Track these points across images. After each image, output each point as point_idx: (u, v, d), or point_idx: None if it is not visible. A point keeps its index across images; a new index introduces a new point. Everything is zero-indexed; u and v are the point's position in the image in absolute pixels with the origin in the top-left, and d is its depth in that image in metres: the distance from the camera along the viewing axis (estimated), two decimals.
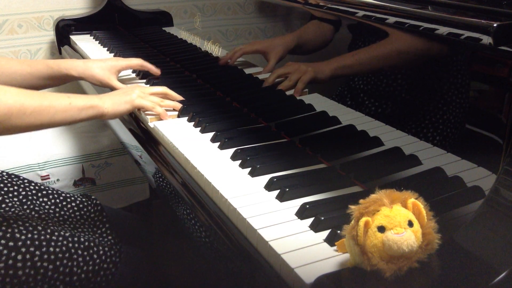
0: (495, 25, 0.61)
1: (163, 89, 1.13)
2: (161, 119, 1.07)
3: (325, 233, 0.66)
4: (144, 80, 1.30)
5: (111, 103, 1.00)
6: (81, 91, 1.51)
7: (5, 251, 0.90)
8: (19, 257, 0.91)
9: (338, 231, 0.64)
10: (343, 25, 0.90)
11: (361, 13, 0.82)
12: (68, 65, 1.19)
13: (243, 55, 1.21)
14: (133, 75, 1.36)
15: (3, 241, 0.91)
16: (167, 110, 1.08)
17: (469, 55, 0.69)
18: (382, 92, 0.83)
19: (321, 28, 0.95)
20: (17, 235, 0.92)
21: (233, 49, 1.22)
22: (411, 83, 0.79)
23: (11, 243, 0.91)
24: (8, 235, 0.92)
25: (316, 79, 0.99)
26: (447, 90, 0.73)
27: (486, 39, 0.62)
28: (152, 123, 1.05)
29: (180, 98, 1.13)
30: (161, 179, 0.97)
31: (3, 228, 0.92)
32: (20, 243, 0.92)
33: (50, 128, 0.93)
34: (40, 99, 0.89)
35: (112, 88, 1.20)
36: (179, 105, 1.10)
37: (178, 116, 1.09)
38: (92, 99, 0.98)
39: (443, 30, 0.68)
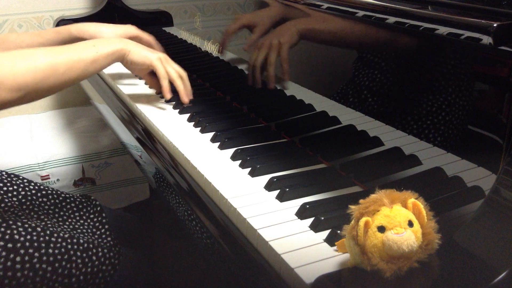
0: (495, 25, 0.61)
1: (183, 72, 1.10)
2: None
3: (325, 233, 0.66)
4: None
5: (132, 48, 1.03)
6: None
7: (3, 253, 0.90)
8: (18, 258, 0.91)
9: (338, 231, 0.64)
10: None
11: (361, 13, 0.82)
12: (79, 29, 1.19)
13: (242, 52, 1.21)
14: None
15: (1, 243, 0.90)
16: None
17: (469, 55, 0.69)
18: (386, 91, 0.83)
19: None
20: (16, 237, 0.92)
21: (221, 39, 1.21)
22: (415, 83, 0.79)
23: (10, 245, 0.91)
24: (7, 237, 0.91)
25: (291, 46, 0.98)
26: (448, 91, 0.73)
27: (486, 39, 0.62)
28: (152, 124, 1.05)
29: (190, 95, 1.11)
30: (161, 179, 0.97)
31: (2, 229, 0.92)
32: (19, 245, 0.92)
33: (82, 80, 0.96)
34: (70, 54, 0.90)
35: None
36: (185, 96, 1.09)
37: (180, 113, 1.09)
38: (116, 43, 1.01)
39: (443, 30, 0.68)
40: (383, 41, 0.80)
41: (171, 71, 1.07)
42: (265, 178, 0.80)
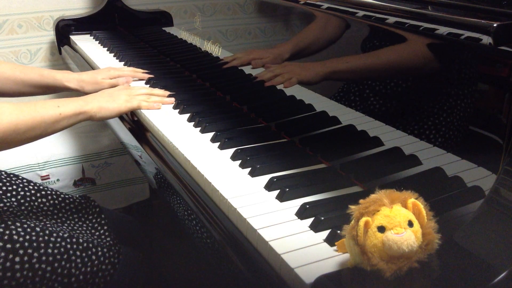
0: (495, 25, 0.61)
1: (148, 90, 1.16)
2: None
3: (325, 233, 0.66)
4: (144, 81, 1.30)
5: (98, 107, 1.03)
6: None
7: (2, 253, 0.89)
8: (17, 259, 0.90)
9: (338, 231, 0.64)
10: (346, 25, 0.90)
11: (361, 13, 0.82)
12: (65, 77, 1.20)
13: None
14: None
15: (0, 243, 0.90)
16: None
17: (469, 55, 0.69)
18: (389, 91, 0.83)
19: (322, 29, 0.95)
20: (15, 237, 0.92)
21: (232, 57, 1.22)
22: (418, 85, 0.79)
23: (8, 245, 0.91)
24: (5, 237, 0.91)
25: (306, 82, 0.99)
26: (448, 91, 0.73)
27: (486, 39, 0.62)
28: (152, 124, 1.05)
29: (167, 93, 1.16)
30: (161, 179, 0.97)
31: (1, 230, 0.92)
32: (18, 245, 0.91)
33: (43, 137, 0.97)
34: (32, 114, 0.91)
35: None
36: (168, 100, 1.14)
37: (180, 113, 1.09)
38: (79, 103, 1.01)
39: (443, 30, 0.68)
40: (395, 61, 0.81)
41: (140, 98, 1.11)
42: (265, 178, 0.80)
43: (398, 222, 0.54)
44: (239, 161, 0.87)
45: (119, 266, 1.04)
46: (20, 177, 1.14)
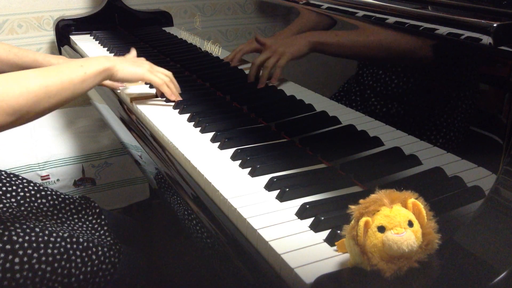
0: (495, 25, 0.61)
1: (169, 73, 1.15)
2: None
3: (325, 233, 0.66)
4: None
5: (120, 66, 1.03)
6: None
7: (2, 254, 0.89)
8: (17, 259, 0.90)
9: (338, 231, 0.64)
10: (346, 23, 0.90)
11: (361, 13, 0.82)
12: (60, 63, 1.19)
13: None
14: None
15: (0, 244, 0.90)
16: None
17: (468, 55, 0.69)
18: (390, 92, 0.83)
19: (315, 20, 0.95)
20: (14, 238, 0.92)
21: (234, 51, 1.21)
22: (418, 85, 0.79)
23: (8, 246, 0.90)
24: (5, 238, 0.91)
25: (294, 57, 0.99)
26: (448, 91, 0.73)
27: (486, 39, 0.62)
28: (152, 124, 1.05)
29: (177, 98, 1.15)
30: (161, 179, 0.97)
31: (0, 231, 0.92)
32: (17, 246, 0.91)
33: (71, 101, 0.96)
34: (60, 76, 0.90)
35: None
36: (178, 97, 1.14)
37: (180, 113, 1.09)
38: (102, 61, 1.00)
39: (443, 30, 0.68)
40: (388, 46, 0.80)
41: (162, 77, 1.11)
42: (265, 178, 0.80)
43: (398, 222, 0.54)
44: (239, 161, 0.87)
45: (120, 265, 1.04)
46: (20, 177, 1.14)
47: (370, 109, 0.87)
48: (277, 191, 0.76)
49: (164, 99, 1.17)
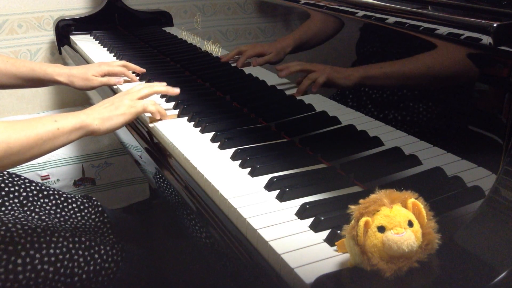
0: (495, 25, 0.61)
1: (150, 89, 1.07)
2: (161, 119, 1.06)
3: (325, 233, 0.66)
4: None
5: (100, 119, 0.94)
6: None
7: (4, 255, 0.89)
8: (19, 261, 0.90)
9: (338, 231, 0.64)
10: (346, 22, 0.90)
11: (361, 13, 0.82)
12: (55, 72, 1.20)
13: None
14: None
15: (2, 245, 0.90)
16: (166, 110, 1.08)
17: (469, 55, 0.69)
18: (390, 92, 0.83)
19: (322, 25, 0.94)
20: (16, 239, 0.92)
21: (235, 51, 1.21)
22: (418, 85, 0.79)
23: (10, 247, 0.90)
24: (7, 239, 0.91)
25: (336, 84, 0.94)
26: (449, 91, 0.73)
27: (486, 39, 0.62)
28: (152, 124, 1.05)
29: (176, 91, 1.10)
30: (161, 179, 0.97)
31: (2, 232, 0.92)
32: (19, 247, 0.91)
33: (43, 155, 0.88)
34: (26, 131, 0.82)
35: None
36: (172, 90, 1.09)
37: (178, 116, 1.09)
38: (79, 117, 0.92)
39: (443, 30, 0.68)
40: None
41: (141, 106, 1.01)
42: (265, 178, 0.80)
43: (398, 222, 0.54)
44: (239, 161, 0.87)
45: (122, 264, 1.04)
46: (22, 177, 1.14)
47: (370, 108, 0.87)
48: (277, 191, 0.76)
49: (164, 99, 1.17)
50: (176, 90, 1.10)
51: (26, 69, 1.17)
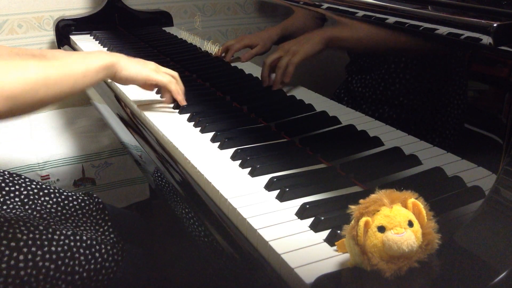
0: (495, 25, 0.61)
1: (175, 73, 1.12)
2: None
3: (325, 233, 0.66)
4: None
5: (126, 63, 0.99)
6: None
7: (6, 252, 0.90)
8: (21, 257, 0.91)
9: (338, 231, 0.64)
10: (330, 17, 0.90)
11: (361, 13, 0.82)
12: (55, 56, 1.19)
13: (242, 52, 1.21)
14: None
15: (4, 242, 0.91)
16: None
17: (469, 55, 0.69)
18: (380, 96, 0.83)
19: (308, 18, 0.94)
20: (19, 235, 0.93)
21: (223, 47, 1.21)
22: (418, 84, 0.79)
23: (12, 243, 0.91)
24: (9, 236, 0.92)
25: (308, 55, 0.97)
26: (449, 91, 0.73)
27: (486, 39, 0.62)
28: (152, 122, 1.05)
29: (183, 103, 1.12)
30: (160, 179, 0.97)
31: (5, 228, 0.92)
32: (21, 243, 0.92)
33: (71, 96, 0.91)
34: (60, 68, 0.87)
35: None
36: (182, 99, 1.10)
37: (180, 113, 1.09)
38: (107, 57, 0.97)
39: (443, 30, 0.68)
40: (391, 42, 0.80)
41: (168, 77, 1.08)
42: (265, 178, 0.80)
43: (398, 222, 0.54)
44: (239, 161, 0.87)
45: (123, 263, 1.04)
46: (23, 177, 1.15)
47: (370, 108, 0.87)
48: (277, 191, 0.76)
49: (164, 99, 1.16)
50: (184, 103, 1.11)
51: (28, 57, 1.17)
